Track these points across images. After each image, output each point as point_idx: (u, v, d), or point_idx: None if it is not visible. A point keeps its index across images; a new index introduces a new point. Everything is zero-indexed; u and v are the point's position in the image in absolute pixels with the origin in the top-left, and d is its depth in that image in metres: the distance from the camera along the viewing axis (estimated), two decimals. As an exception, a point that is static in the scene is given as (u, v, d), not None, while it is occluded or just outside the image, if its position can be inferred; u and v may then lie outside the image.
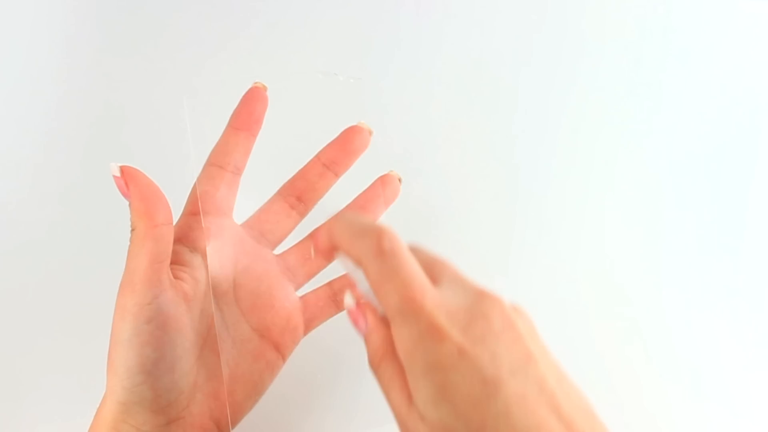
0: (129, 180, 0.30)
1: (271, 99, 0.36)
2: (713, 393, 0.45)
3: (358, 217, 0.29)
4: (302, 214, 0.37)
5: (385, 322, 0.27)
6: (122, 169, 0.30)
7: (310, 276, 0.38)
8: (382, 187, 0.38)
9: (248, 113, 0.36)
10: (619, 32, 0.54)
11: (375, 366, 0.27)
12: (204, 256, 0.34)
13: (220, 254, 0.34)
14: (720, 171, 0.51)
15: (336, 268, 0.38)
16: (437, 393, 0.24)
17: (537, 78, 0.52)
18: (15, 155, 0.47)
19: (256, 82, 0.36)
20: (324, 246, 0.30)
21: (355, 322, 0.28)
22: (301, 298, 0.37)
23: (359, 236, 0.27)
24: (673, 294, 0.47)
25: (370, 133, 0.38)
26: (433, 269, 0.28)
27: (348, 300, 0.29)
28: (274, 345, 0.35)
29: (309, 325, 0.37)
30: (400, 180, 0.38)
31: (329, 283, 0.38)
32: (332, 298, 0.37)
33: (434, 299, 0.26)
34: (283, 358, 0.36)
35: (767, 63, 0.54)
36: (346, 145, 0.37)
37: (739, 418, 0.45)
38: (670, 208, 0.50)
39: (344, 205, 0.38)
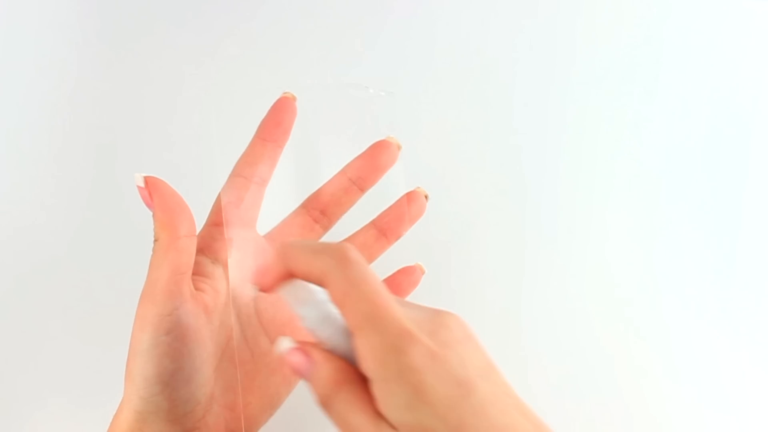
0: (153, 191, 0.30)
1: (299, 110, 0.36)
2: (713, 396, 0.46)
3: (310, 240, 0.28)
4: (326, 228, 0.37)
5: (330, 354, 0.27)
6: (146, 180, 0.30)
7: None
8: (408, 204, 0.37)
9: (276, 124, 0.35)
10: (616, 35, 0.53)
11: (329, 398, 0.26)
12: (225, 268, 0.34)
13: (241, 266, 0.34)
14: (721, 172, 0.51)
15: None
16: (413, 395, 0.24)
17: (535, 82, 0.52)
18: (38, 163, 0.48)
19: (285, 92, 0.36)
20: (272, 274, 0.28)
21: (296, 365, 0.27)
22: (322, 312, 0.37)
23: (321, 251, 0.27)
24: (674, 296, 0.48)
25: (399, 148, 0.37)
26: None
27: (284, 343, 0.28)
28: (293, 359, 0.35)
29: (328, 340, 0.36)
30: (426, 197, 0.38)
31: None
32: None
33: (399, 308, 0.26)
34: (301, 372, 0.36)
35: (764, 61, 0.53)
36: (373, 161, 0.37)
37: (738, 421, 0.45)
38: (670, 210, 0.50)
39: (369, 221, 0.38)
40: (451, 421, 0.24)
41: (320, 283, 0.27)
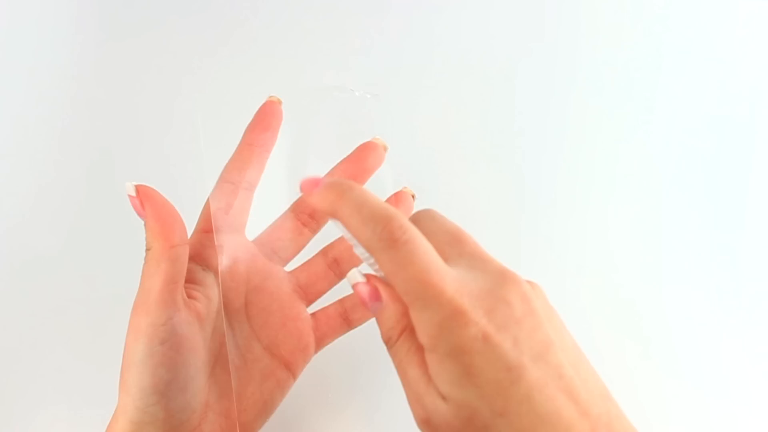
0: (144, 200, 0.30)
1: (285, 113, 0.36)
2: (715, 392, 0.45)
3: (365, 194, 0.28)
4: (314, 231, 0.37)
5: (397, 295, 0.27)
6: (137, 189, 0.30)
7: (321, 293, 0.37)
8: (396, 204, 0.37)
9: (263, 128, 0.35)
10: (617, 32, 0.54)
11: (392, 340, 0.27)
12: (216, 274, 0.33)
13: (232, 272, 0.34)
14: (722, 170, 0.51)
15: (348, 286, 0.38)
16: (462, 375, 0.24)
17: (538, 82, 0.52)
18: (28, 172, 0.47)
19: (270, 96, 0.36)
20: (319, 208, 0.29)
21: (364, 298, 0.28)
22: (313, 315, 0.37)
23: (370, 222, 0.26)
24: (675, 292, 0.47)
25: (385, 149, 0.37)
26: (453, 246, 0.28)
27: (355, 275, 0.28)
28: (285, 363, 0.35)
29: (320, 343, 0.36)
30: (414, 197, 0.38)
31: (340, 301, 0.37)
32: (343, 315, 0.37)
33: (454, 283, 0.26)
34: (294, 376, 0.35)
35: (766, 60, 0.54)
36: (360, 162, 0.37)
37: (740, 417, 0.45)
38: (671, 206, 0.50)
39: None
40: (497, 406, 0.24)
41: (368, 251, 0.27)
